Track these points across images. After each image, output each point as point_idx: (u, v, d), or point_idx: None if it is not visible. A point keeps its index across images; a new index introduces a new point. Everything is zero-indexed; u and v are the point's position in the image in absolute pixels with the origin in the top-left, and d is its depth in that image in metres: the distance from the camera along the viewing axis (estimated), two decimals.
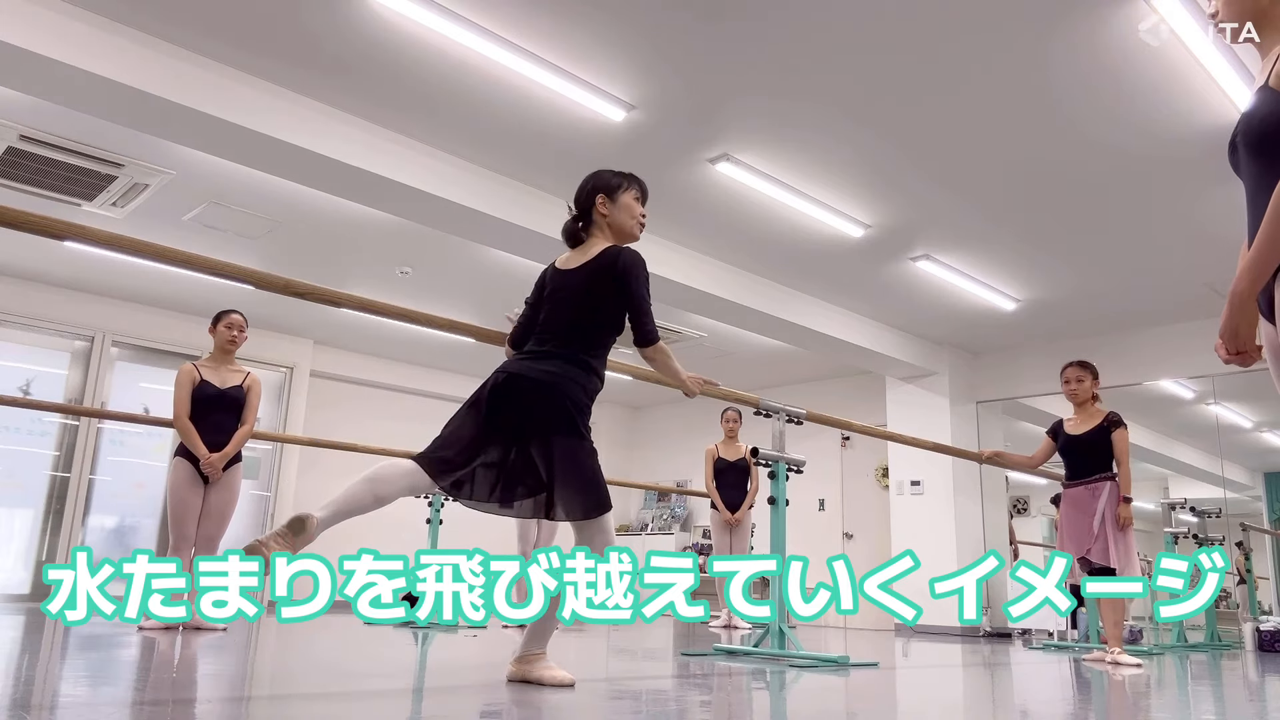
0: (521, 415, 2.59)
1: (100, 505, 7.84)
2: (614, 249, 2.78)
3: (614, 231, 2.84)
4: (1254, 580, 7.71)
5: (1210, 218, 5.57)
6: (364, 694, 2.53)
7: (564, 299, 2.78)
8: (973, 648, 5.95)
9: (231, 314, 5.01)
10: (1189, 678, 4.25)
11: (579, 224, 2.89)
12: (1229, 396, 7.87)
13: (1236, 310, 1.63)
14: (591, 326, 2.74)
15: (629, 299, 2.74)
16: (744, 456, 7.16)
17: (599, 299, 2.73)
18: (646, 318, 2.77)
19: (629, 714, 2.30)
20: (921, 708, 2.89)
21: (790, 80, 4.30)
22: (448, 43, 4.05)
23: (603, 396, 10.00)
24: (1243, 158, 1.72)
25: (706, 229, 6.10)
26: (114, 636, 4.12)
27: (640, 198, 2.90)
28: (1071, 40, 3.90)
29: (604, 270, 2.74)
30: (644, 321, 2.78)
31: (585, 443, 2.63)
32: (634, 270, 2.75)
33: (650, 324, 2.79)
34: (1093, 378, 5.02)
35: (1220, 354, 1.73)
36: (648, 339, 2.81)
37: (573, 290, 2.78)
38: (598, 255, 2.77)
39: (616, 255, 2.76)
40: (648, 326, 2.79)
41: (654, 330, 2.80)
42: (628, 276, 2.73)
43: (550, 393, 2.59)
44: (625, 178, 2.88)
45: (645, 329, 2.79)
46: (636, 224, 2.88)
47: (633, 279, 2.73)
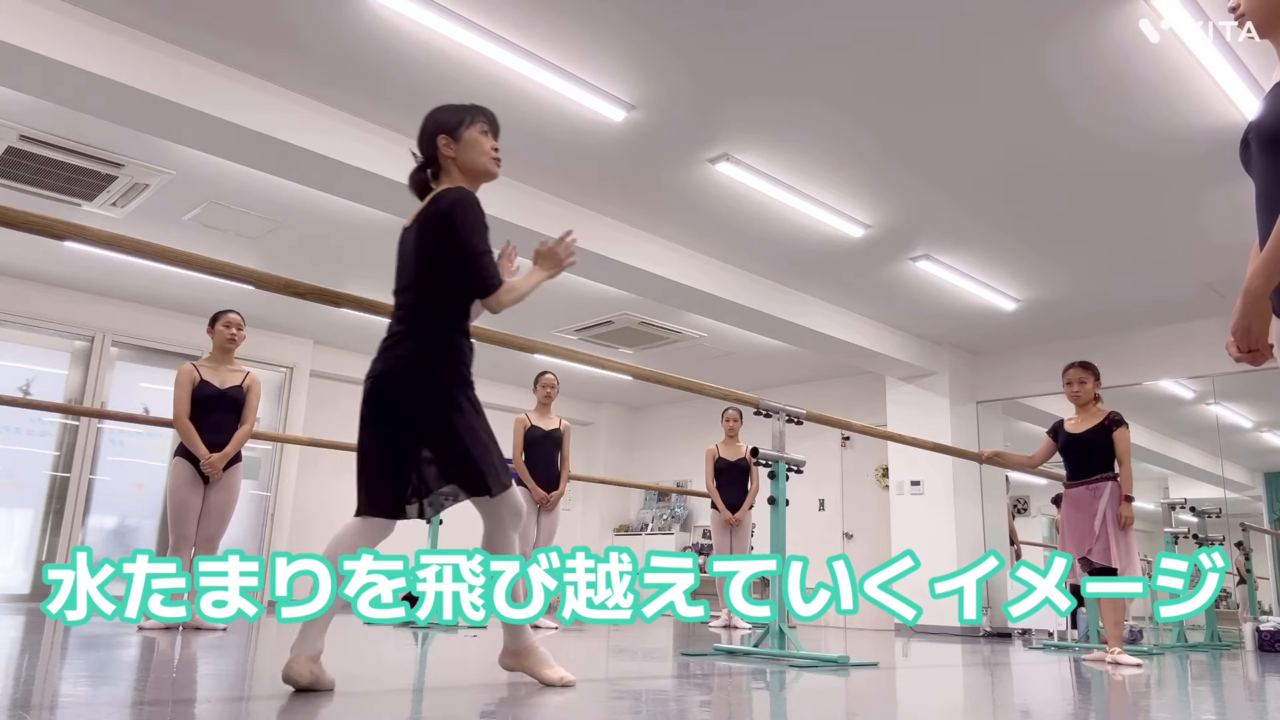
0: (397, 415, 2.39)
1: (100, 505, 7.83)
2: (440, 192, 2.49)
3: (466, 173, 2.55)
4: (1254, 580, 7.71)
5: (1210, 218, 5.57)
6: (364, 694, 2.53)
7: (405, 263, 2.52)
8: (973, 648, 5.95)
9: (229, 313, 5.01)
10: (1189, 678, 4.25)
11: (426, 172, 2.59)
12: (1229, 396, 7.86)
13: (1250, 308, 1.61)
14: (435, 286, 2.44)
15: (454, 244, 2.41)
16: (744, 456, 7.17)
17: (433, 251, 2.44)
18: (476, 264, 2.42)
19: (629, 714, 2.30)
20: (921, 708, 2.89)
21: (790, 80, 4.30)
22: (448, 43, 4.05)
23: (603, 396, 10.01)
24: (1255, 155, 1.71)
25: (706, 229, 6.10)
26: (114, 636, 4.12)
27: (489, 130, 2.59)
28: (1072, 40, 3.90)
29: (430, 218, 2.45)
30: (474, 270, 2.43)
31: (464, 415, 2.39)
32: (456, 209, 2.43)
33: (484, 270, 2.44)
34: (1094, 378, 5.02)
35: (1231, 352, 1.71)
36: (484, 288, 2.45)
37: (410, 250, 2.51)
38: (425, 204, 2.50)
39: (440, 197, 2.47)
40: (480, 274, 2.44)
41: (490, 276, 2.45)
42: (450, 218, 2.42)
43: (410, 382, 2.38)
44: (467, 110, 2.58)
45: (477, 277, 2.44)
46: (489, 160, 2.58)
47: (454, 220, 2.41)
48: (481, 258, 2.43)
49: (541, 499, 6.20)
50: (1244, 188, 5.12)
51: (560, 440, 6.37)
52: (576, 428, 11.04)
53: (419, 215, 2.50)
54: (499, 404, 10.56)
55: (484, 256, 2.43)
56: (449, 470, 2.40)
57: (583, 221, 5.83)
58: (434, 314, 2.43)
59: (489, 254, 2.45)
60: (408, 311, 2.46)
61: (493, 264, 2.46)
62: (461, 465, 2.39)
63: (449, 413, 2.37)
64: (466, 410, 2.40)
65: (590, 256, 5.93)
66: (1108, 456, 4.87)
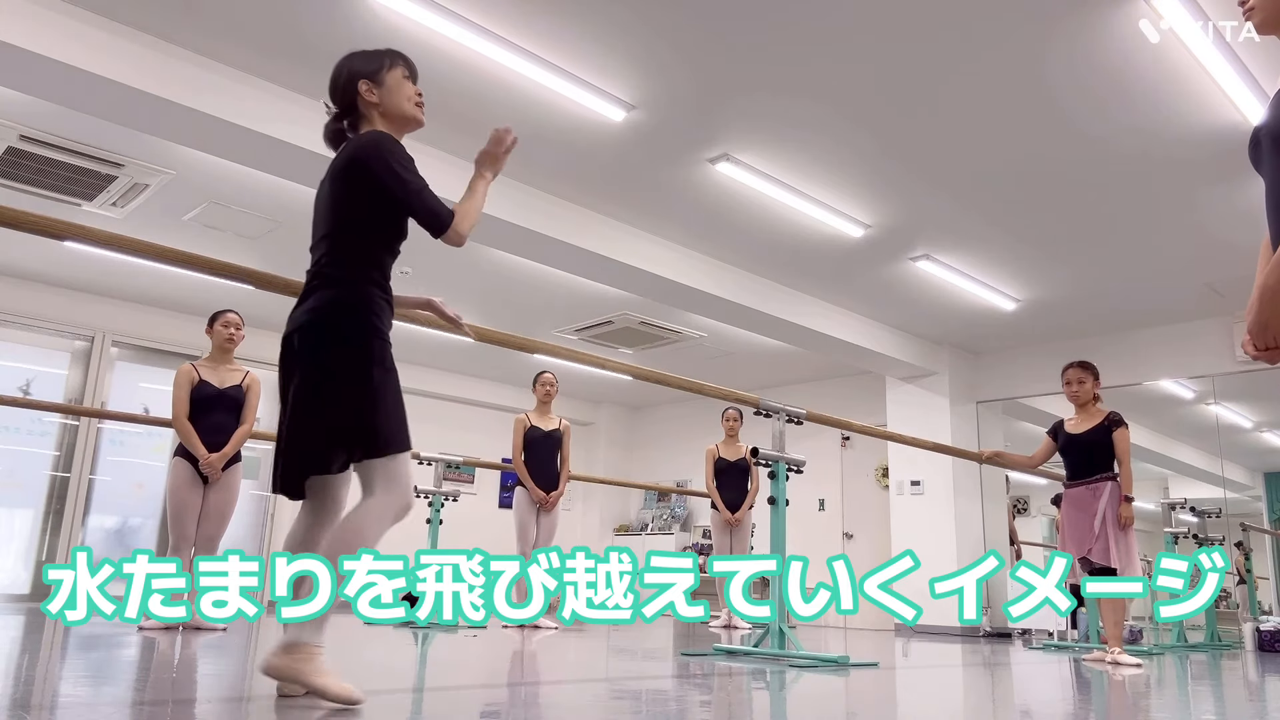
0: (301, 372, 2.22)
1: (100, 505, 7.83)
2: (356, 136, 2.33)
3: (390, 120, 2.36)
4: (1254, 580, 7.71)
5: (1210, 218, 5.57)
6: (364, 694, 2.52)
7: (319, 217, 2.33)
8: (973, 648, 5.95)
9: (227, 313, 5.01)
10: (1189, 678, 4.25)
11: (343, 122, 2.39)
12: (1229, 396, 7.86)
13: (1268, 304, 1.58)
14: (347, 235, 2.25)
15: (384, 187, 2.22)
16: (744, 456, 7.16)
17: (347, 196, 2.26)
18: (420, 200, 2.24)
19: (629, 714, 2.29)
20: (921, 708, 2.89)
21: (790, 80, 4.30)
22: (447, 43, 4.04)
23: (603, 396, 10.01)
24: (1266, 153, 1.69)
25: (706, 229, 6.10)
26: (114, 636, 4.12)
27: (409, 75, 2.41)
28: (1072, 40, 3.90)
29: (345, 165, 2.27)
30: (419, 205, 2.24)
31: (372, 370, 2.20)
32: (374, 150, 2.23)
33: (430, 204, 2.25)
34: (1094, 378, 5.02)
35: (1248, 350, 1.68)
36: (439, 224, 2.26)
37: (322, 199, 2.33)
38: (341, 148, 2.33)
39: (354, 141, 2.30)
40: (428, 209, 2.25)
41: (441, 209, 2.26)
42: (365, 161, 2.23)
43: (316, 335, 2.19)
44: (386, 54, 2.40)
45: (425, 214, 2.25)
46: (414, 105, 2.40)
47: (375, 161, 2.22)
48: (422, 193, 2.23)
49: (541, 499, 6.19)
50: (1244, 188, 5.12)
51: (560, 440, 6.37)
52: (576, 428, 11.04)
53: (333, 163, 2.32)
54: (499, 404, 10.57)
55: (424, 192, 2.24)
56: (347, 430, 2.17)
57: (583, 221, 5.83)
58: (345, 263, 2.24)
59: (428, 187, 2.25)
60: (319, 265, 2.26)
61: (435, 197, 2.26)
62: (359, 423, 2.17)
63: (356, 366, 2.18)
64: (376, 366, 2.20)
65: (590, 256, 5.93)
66: (1107, 457, 4.87)
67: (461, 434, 10.03)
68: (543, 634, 5.55)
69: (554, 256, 5.98)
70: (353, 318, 2.21)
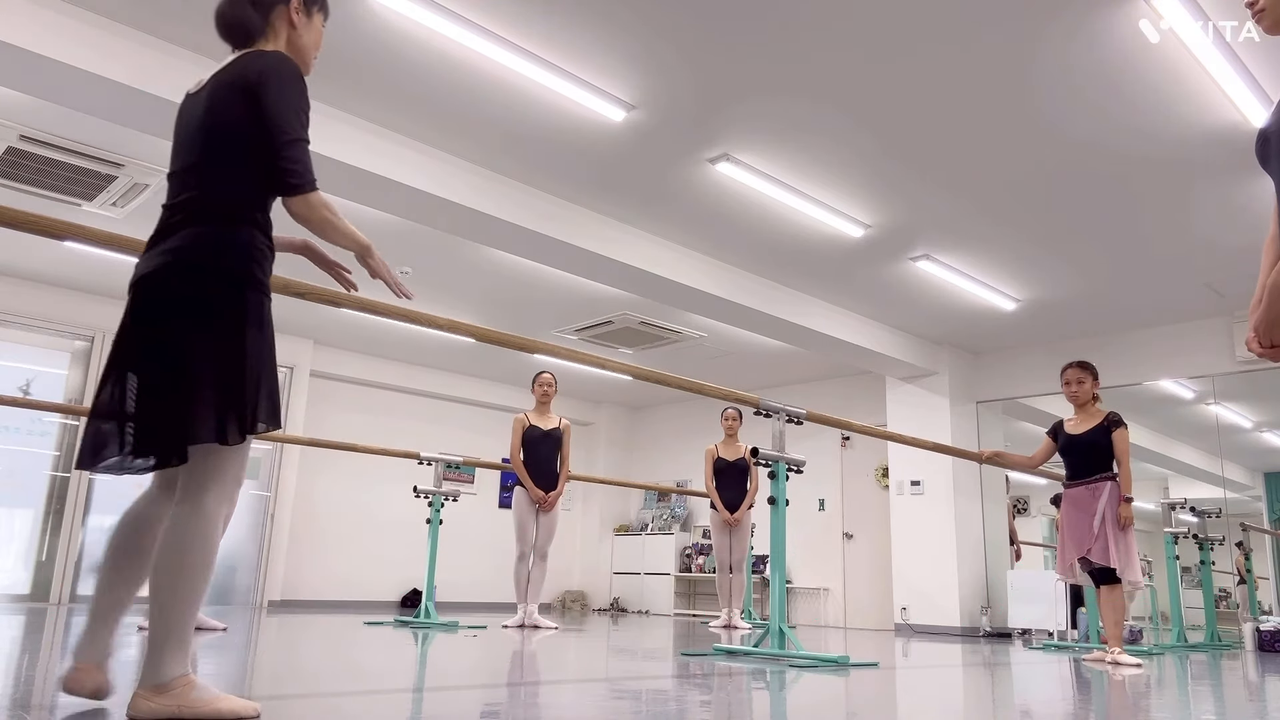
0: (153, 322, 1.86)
1: (100, 505, 7.83)
2: (254, 52, 2.00)
3: (294, 55, 2.09)
4: (1254, 580, 7.71)
5: (1210, 218, 5.57)
6: (364, 694, 2.53)
7: (188, 137, 2.00)
8: (973, 648, 5.95)
9: None
10: (1189, 678, 4.25)
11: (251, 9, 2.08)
12: (1229, 396, 7.86)
13: (1276, 301, 1.58)
14: (229, 167, 1.94)
15: (264, 117, 1.90)
16: (743, 456, 7.17)
17: (229, 123, 1.93)
18: (292, 150, 1.92)
19: (629, 714, 2.29)
20: (921, 708, 2.89)
21: (790, 80, 4.30)
22: (448, 43, 4.05)
23: (603, 396, 10.01)
24: (1275, 149, 1.69)
25: (706, 229, 6.10)
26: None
27: (322, 25, 2.20)
28: (1072, 40, 3.90)
29: (233, 81, 1.94)
30: (288, 157, 1.92)
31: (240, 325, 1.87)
32: (275, 78, 1.93)
33: (301, 160, 1.93)
34: (1093, 378, 5.02)
35: (1252, 348, 1.67)
36: (298, 181, 1.93)
37: (197, 120, 1.98)
38: (230, 64, 1.99)
39: (255, 57, 1.97)
40: (295, 164, 1.92)
41: (307, 169, 1.95)
42: (265, 87, 1.91)
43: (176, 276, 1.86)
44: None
45: (290, 167, 1.92)
46: (314, 56, 2.17)
47: (271, 89, 1.91)
48: (299, 144, 1.93)
49: (539, 499, 6.20)
50: (1244, 188, 5.13)
51: (560, 440, 6.38)
52: (576, 428, 11.05)
53: (218, 76, 1.99)
54: (499, 404, 10.58)
55: (302, 143, 1.94)
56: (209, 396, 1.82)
57: (583, 221, 5.83)
58: (222, 199, 1.93)
59: (308, 143, 1.96)
60: (186, 196, 1.94)
61: (309, 158, 1.96)
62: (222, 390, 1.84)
63: (220, 316, 1.86)
64: (251, 324, 1.89)
65: (590, 256, 5.94)
66: (1107, 457, 4.87)
67: (461, 434, 10.04)
68: (543, 634, 5.55)
69: (554, 256, 5.98)
70: (231, 259, 1.89)
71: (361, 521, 9.36)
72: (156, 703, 1.76)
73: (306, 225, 1.99)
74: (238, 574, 8.58)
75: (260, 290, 1.94)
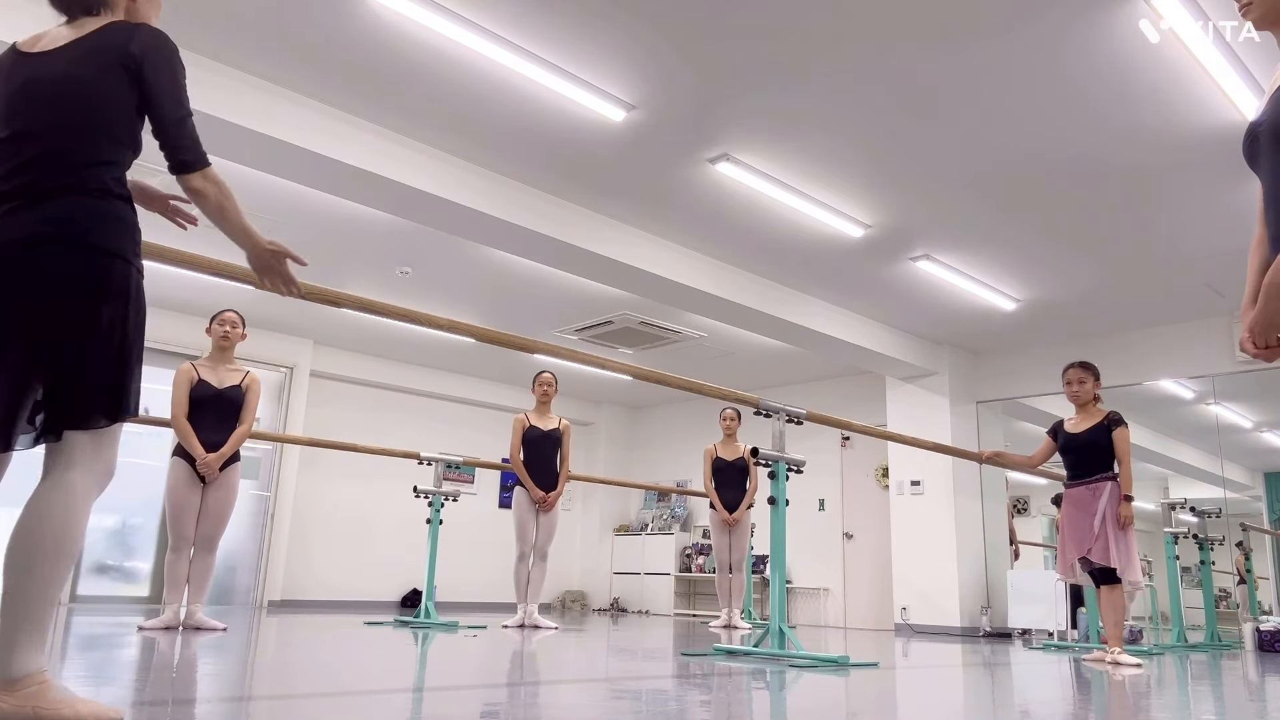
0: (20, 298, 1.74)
1: (100, 505, 7.72)
2: (126, 23, 1.93)
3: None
4: (1254, 580, 7.71)
5: (1210, 218, 5.57)
6: (364, 694, 2.53)
7: (34, 101, 1.86)
8: (973, 648, 5.95)
9: (224, 312, 5.02)
10: (1189, 678, 4.25)
11: None
12: (1229, 396, 7.86)
13: (1272, 301, 1.57)
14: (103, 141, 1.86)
15: (151, 93, 1.87)
16: (742, 456, 7.17)
17: (103, 94, 1.85)
18: (182, 127, 1.90)
19: (629, 714, 2.29)
20: (921, 708, 2.89)
21: (790, 80, 4.30)
22: (448, 43, 4.05)
23: (603, 396, 10.03)
24: (1264, 149, 1.68)
25: (706, 229, 6.10)
26: (114, 636, 4.12)
27: None
28: (1072, 40, 3.90)
29: (106, 50, 1.87)
30: (183, 131, 1.90)
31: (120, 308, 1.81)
32: (155, 49, 1.89)
33: (189, 136, 1.91)
34: (1094, 379, 5.02)
35: (1247, 348, 1.66)
36: (193, 156, 1.91)
37: (57, 83, 1.87)
38: (96, 31, 1.90)
39: (132, 30, 1.91)
40: (188, 140, 1.91)
41: (195, 145, 1.92)
42: (147, 58, 1.87)
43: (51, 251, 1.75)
44: None
45: (181, 143, 1.90)
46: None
47: (155, 63, 1.88)
48: (190, 121, 1.92)
49: (539, 499, 6.20)
50: (1244, 187, 5.13)
51: (560, 440, 6.38)
52: (576, 428, 11.05)
53: (84, 41, 1.90)
54: (499, 404, 10.58)
55: (192, 120, 1.94)
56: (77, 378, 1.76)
57: (583, 221, 5.83)
58: (87, 169, 1.82)
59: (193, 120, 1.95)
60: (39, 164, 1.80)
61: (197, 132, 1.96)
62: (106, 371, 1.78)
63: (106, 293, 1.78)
64: (130, 296, 1.83)
65: (590, 256, 5.94)
66: (1107, 456, 4.87)
67: (461, 434, 10.04)
68: (543, 634, 5.55)
69: (554, 256, 5.98)
70: (114, 234, 1.82)
71: (361, 522, 9.36)
72: (7, 702, 1.61)
73: (202, 202, 1.95)
74: (237, 574, 8.57)
75: (137, 266, 1.89)
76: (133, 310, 1.83)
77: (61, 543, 1.75)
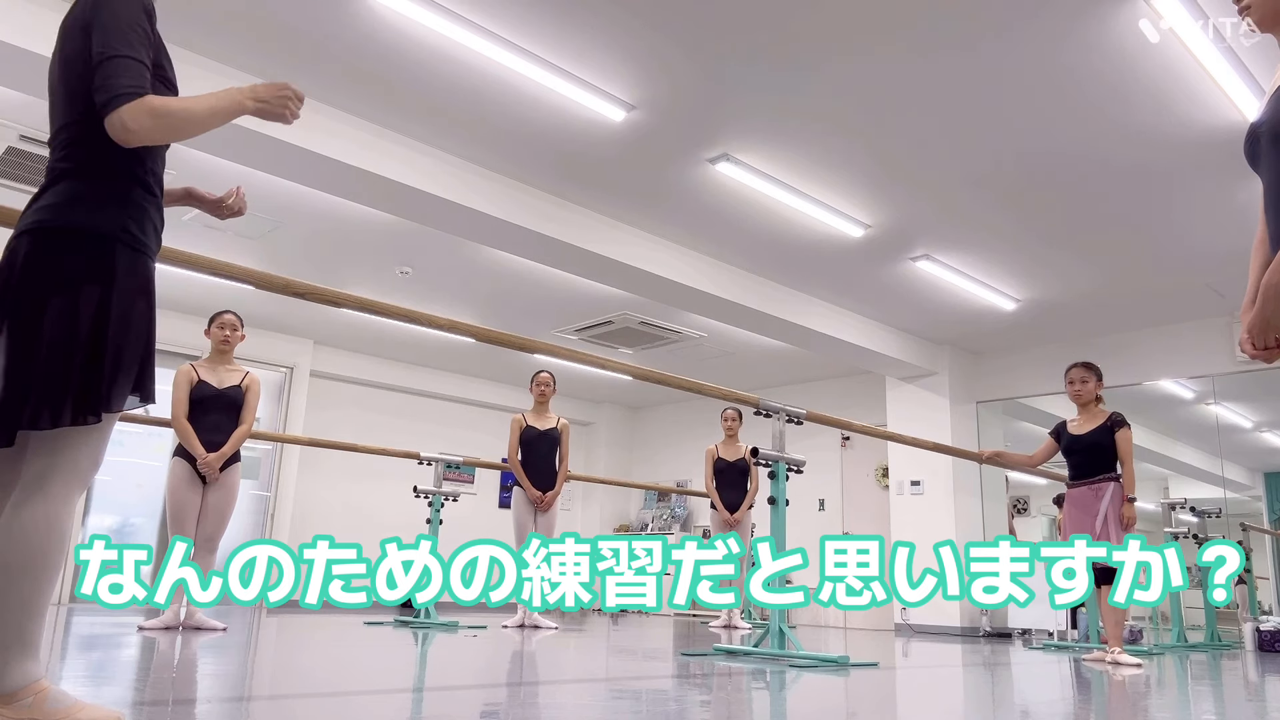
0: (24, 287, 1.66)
1: (100, 505, 7.83)
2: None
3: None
4: (1254, 580, 7.71)
5: (1210, 218, 5.57)
6: (364, 694, 2.53)
7: (55, 99, 1.81)
8: (973, 648, 5.95)
9: (224, 314, 5.01)
10: (1189, 678, 4.25)
11: None
12: (1229, 396, 7.86)
13: (1271, 302, 1.56)
14: (79, 114, 1.73)
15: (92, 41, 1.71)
16: (743, 456, 7.16)
17: (78, 67, 1.74)
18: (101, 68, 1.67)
19: (629, 714, 2.29)
20: (921, 708, 2.89)
21: (790, 80, 4.30)
22: (448, 43, 4.05)
23: (603, 396, 10.00)
24: (1265, 148, 1.68)
25: (706, 229, 6.10)
26: (114, 636, 4.12)
27: None
28: (1072, 40, 3.90)
29: (72, 23, 1.78)
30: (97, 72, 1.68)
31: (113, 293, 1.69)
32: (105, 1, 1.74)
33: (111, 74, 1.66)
34: (1096, 379, 5.02)
35: (1245, 350, 1.66)
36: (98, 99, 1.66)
37: (52, 68, 1.82)
38: (75, 4, 1.82)
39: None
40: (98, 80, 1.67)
41: (114, 84, 1.66)
42: (96, 12, 1.73)
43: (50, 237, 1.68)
44: None
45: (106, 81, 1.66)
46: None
47: (100, 13, 1.72)
48: (113, 60, 1.68)
49: (536, 499, 6.19)
50: (1244, 187, 5.12)
51: (558, 439, 6.37)
52: (576, 428, 11.05)
53: (65, 19, 1.82)
54: (499, 404, 10.58)
55: (117, 59, 1.68)
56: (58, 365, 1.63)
57: (583, 221, 5.83)
58: (97, 155, 1.73)
59: (129, 59, 1.70)
60: (59, 158, 1.75)
61: (129, 71, 1.68)
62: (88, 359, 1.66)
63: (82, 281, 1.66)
64: (115, 283, 1.69)
65: (590, 256, 5.93)
66: (1110, 457, 4.87)
67: (461, 434, 10.04)
68: (543, 634, 5.55)
69: (554, 256, 5.98)
70: (101, 213, 1.71)
71: (361, 521, 9.36)
72: (6, 716, 1.56)
73: (140, 142, 1.70)
74: None
75: (136, 248, 1.76)
76: (116, 296, 1.68)
77: (41, 555, 1.61)
